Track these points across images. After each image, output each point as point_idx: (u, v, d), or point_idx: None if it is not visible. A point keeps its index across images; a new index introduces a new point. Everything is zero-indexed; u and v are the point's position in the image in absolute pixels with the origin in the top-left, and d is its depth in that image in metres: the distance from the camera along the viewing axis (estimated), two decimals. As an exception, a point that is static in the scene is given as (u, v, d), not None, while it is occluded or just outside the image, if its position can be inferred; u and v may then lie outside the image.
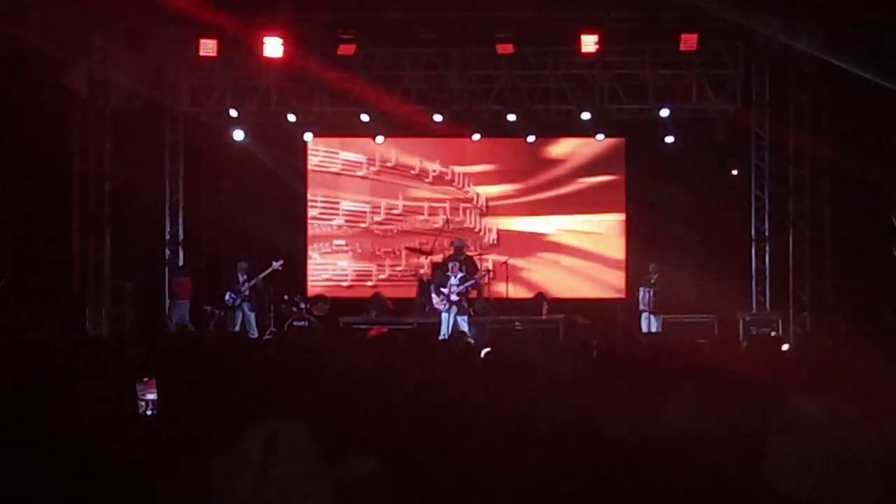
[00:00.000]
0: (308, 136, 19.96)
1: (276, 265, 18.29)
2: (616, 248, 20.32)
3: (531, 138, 19.63)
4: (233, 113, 18.86)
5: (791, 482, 2.79)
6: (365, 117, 18.94)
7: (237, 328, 17.93)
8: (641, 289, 18.44)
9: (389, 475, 3.24)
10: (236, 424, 2.76)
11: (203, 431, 4.20)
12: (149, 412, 4.92)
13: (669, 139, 18.90)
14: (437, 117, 18.89)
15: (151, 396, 4.93)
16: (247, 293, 18.20)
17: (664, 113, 18.45)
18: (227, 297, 18.22)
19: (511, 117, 18.82)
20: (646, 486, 3.40)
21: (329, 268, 20.67)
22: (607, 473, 3.41)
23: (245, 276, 18.23)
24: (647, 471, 3.48)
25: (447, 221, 20.17)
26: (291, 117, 19.02)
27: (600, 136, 19.47)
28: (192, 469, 2.87)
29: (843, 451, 2.79)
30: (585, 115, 18.72)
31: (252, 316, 18.22)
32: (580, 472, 3.42)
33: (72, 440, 4.33)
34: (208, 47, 17.34)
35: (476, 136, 19.65)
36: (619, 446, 3.71)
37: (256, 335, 17.64)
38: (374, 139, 19.83)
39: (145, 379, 4.96)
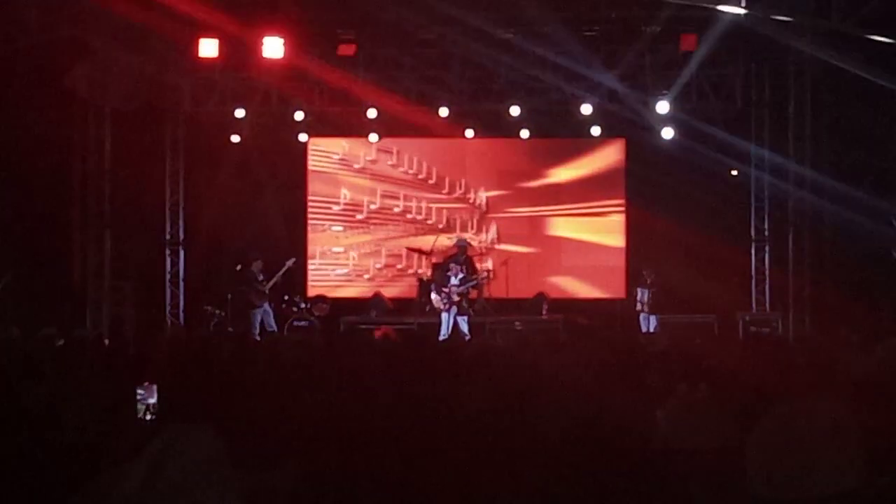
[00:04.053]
0: (303, 137, 19.93)
1: (289, 263, 18.39)
2: (616, 248, 20.31)
3: (525, 134, 19.58)
4: (238, 114, 18.86)
5: (771, 483, 2.81)
6: (372, 113, 18.90)
7: (257, 328, 17.83)
8: (639, 289, 18.45)
9: (309, 486, 3.22)
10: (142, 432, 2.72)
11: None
12: (148, 416, 4.93)
13: (668, 133, 18.83)
14: (443, 111, 18.83)
15: (152, 400, 4.94)
16: (267, 291, 18.21)
17: (663, 109, 18.42)
18: (255, 298, 18.06)
19: (515, 111, 18.76)
20: (645, 489, 3.41)
21: (329, 268, 20.67)
22: (605, 476, 3.42)
23: (262, 276, 18.22)
24: (646, 473, 3.48)
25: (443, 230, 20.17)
26: (299, 115, 19.02)
27: (596, 130, 19.38)
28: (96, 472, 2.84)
29: (824, 447, 2.80)
30: (587, 109, 18.64)
31: (272, 313, 18.23)
32: (576, 475, 3.43)
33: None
34: (208, 48, 17.35)
35: (469, 133, 19.62)
36: (617, 448, 3.72)
37: (276, 329, 17.70)
38: (369, 137, 19.82)
39: (146, 383, 4.97)
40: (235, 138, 19.39)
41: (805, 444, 2.77)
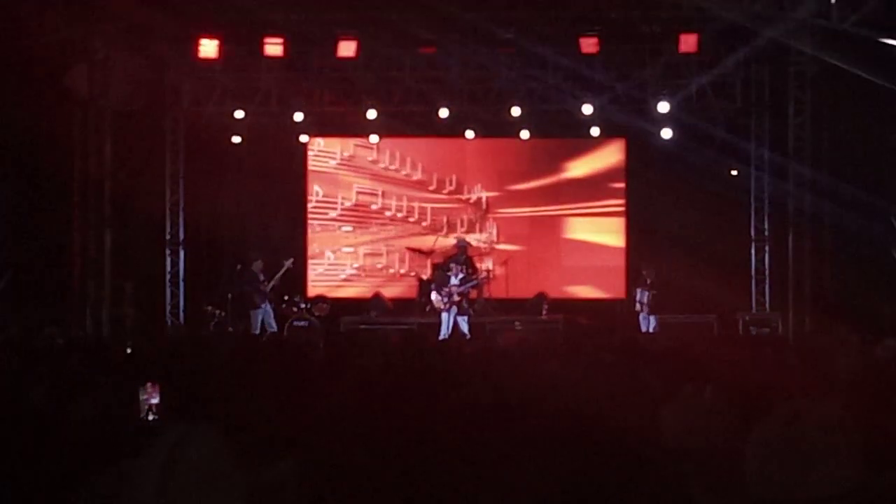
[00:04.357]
0: (304, 138, 19.98)
1: (287, 263, 18.40)
2: (616, 248, 20.32)
3: (525, 135, 19.59)
4: (238, 115, 18.90)
5: (770, 483, 2.81)
6: (371, 114, 18.91)
7: (258, 328, 17.86)
8: (638, 290, 18.45)
9: (309, 478, 3.24)
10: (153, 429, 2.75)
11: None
12: (151, 417, 4.93)
13: (668, 133, 18.85)
14: (443, 112, 18.83)
15: (155, 401, 4.95)
16: (269, 292, 18.23)
17: (664, 109, 18.43)
18: (257, 298, 18.08)
19: (515, 112, 18.77)
20: (645, 489, 3.41)
21: (329, 268, 20.68)
22: (605, 476, 3.42)
23: (263, 277, 18.24)
24: (646, 473, 3.48)
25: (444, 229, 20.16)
26: (298, 116, 19.03)
27: (595, 131, 19.39)
28: (100, 473, 2.85)
29: (822, 446, 2.81)
30: (587, 109, 18.64)
31: (272, 313, 18.24)
32: (575, 475, 3.43)
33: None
34: (208, 48, 17.38)
35: (470, 134, 19.63)
36: (617, 448, 3.71)
37: (276, 329, 17.74)
38: (369, 139, 19.86)
39: (149, 383, 4.97)
40: (236, 139, 19.41)
41: (804, 445, 2.78)
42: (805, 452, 2.77)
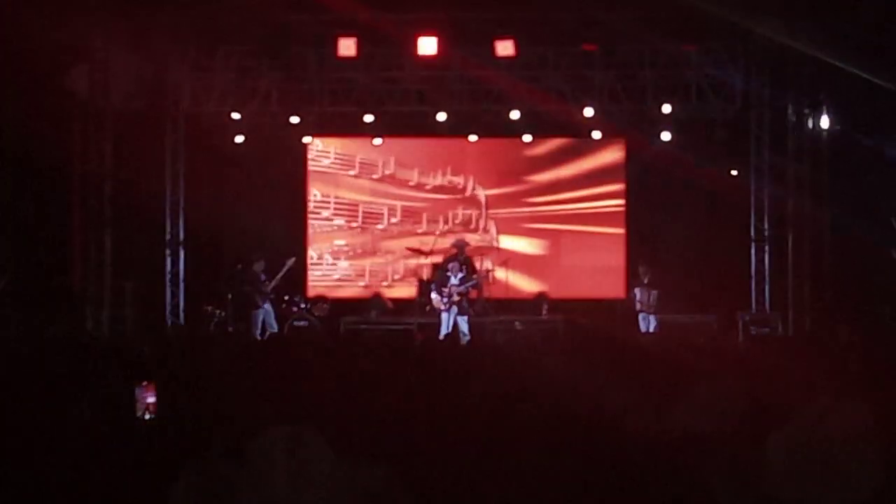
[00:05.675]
0: (307, 139, 20.02)
1: (289, 263, 18.35)
2: (616, 247, 20.31)
3: (527, 138, 19.62)
4: (235, 116, 18.90)
5: (790, 484, 2.81)
6: (368, 118, 18.94)
7: (258, 328, 17.81)
8: (638, 290, 18.43)
9: (402, 480, 3.25)
10: (246, 428, 2.77)
11: (207, 434, 4.21)
12: (147, 416, 4.93)
13: (666, 135, 18.88)
14: (441, 116, 18.85)
15: (151, 400, 4.95)
16: (270, 292, 18.17)
17: (666, 110, 18.44)
18: (258, 298, 18.00)
19: (514, 115, 18.79)
20: (643, 487, 3.41)
21: (329, 268, 20.68)
22: (603, 475, 3.42)
23: (265, 277, 18.19)
24: (645, 472, 3.49)
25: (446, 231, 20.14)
26: (294, 119, 19.04)
27: (596, 134, 19.42)
28: (199, 472, 2.86)
29: (842, 450, 2.81)
30: (588, 111, 18.66)
31: (273, 313, 18.19)
32: (575, 473, 3.43)
33: (73, 442, 4.33)
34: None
35: (473, 138, 19.66)
36: (616, 447, 3.72)
37: (276, 329, 17.69)
38: (372, 140, 19.88)
39: (145, 382, 4.97)
40: (239, 138, 19.36)
41: (824, 453, 2.77)
42: (826, 462, 2.77)
